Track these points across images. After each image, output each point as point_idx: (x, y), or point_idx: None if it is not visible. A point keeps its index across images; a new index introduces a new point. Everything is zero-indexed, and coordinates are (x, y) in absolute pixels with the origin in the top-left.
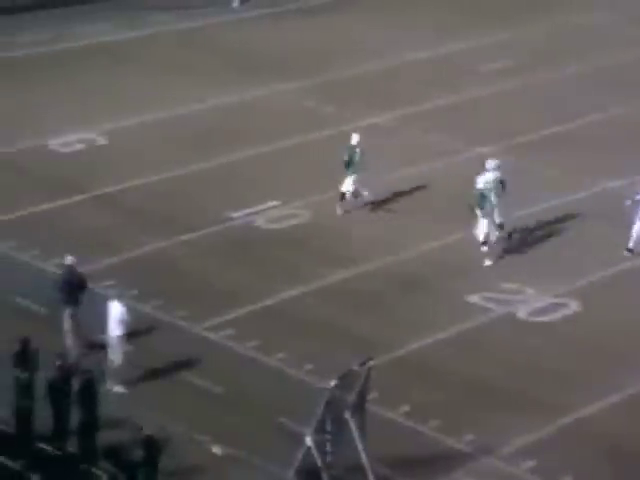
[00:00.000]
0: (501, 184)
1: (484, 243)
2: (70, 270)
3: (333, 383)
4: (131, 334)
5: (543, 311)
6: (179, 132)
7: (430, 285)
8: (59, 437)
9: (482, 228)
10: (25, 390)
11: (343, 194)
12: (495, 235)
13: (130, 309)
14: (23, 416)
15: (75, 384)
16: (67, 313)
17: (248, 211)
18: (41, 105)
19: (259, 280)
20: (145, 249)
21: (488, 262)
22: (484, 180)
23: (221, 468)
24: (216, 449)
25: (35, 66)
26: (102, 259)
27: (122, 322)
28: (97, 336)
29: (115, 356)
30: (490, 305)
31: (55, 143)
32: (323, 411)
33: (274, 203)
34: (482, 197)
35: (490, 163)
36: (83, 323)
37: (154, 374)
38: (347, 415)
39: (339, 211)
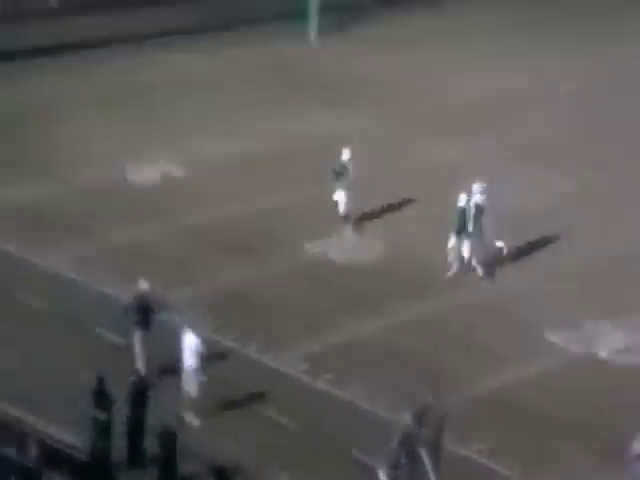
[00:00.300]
0: (477, 208)
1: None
2: (143, 294)
3: (408, 417)
4: (206, 365)
5: (627, 350)
6: (258, 163)
7: (508, 318)
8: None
9: (459, 246)
10: (103, 431)
11: (345, 215)
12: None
13: (205, 340)
14: (100, 455)
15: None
16: (138, 335)
17: (325, 243)
18: (122, 135)
19: (335, 312)
20: (222, 280)
21: (449, 273)
22: (466, 200)
23: None
24: None
25: (118, 96)
26: (179, 289)
27: (197, 353)
28: (169, 363)
29: (189, 387)
30: (570, 344)
31: (135, 174)
32: (397, 446)
33: (351, 236)
34: (461, 216)
35: (477, 187)
36: (158, 351)
37: (228, 405)
38: (422, 450)
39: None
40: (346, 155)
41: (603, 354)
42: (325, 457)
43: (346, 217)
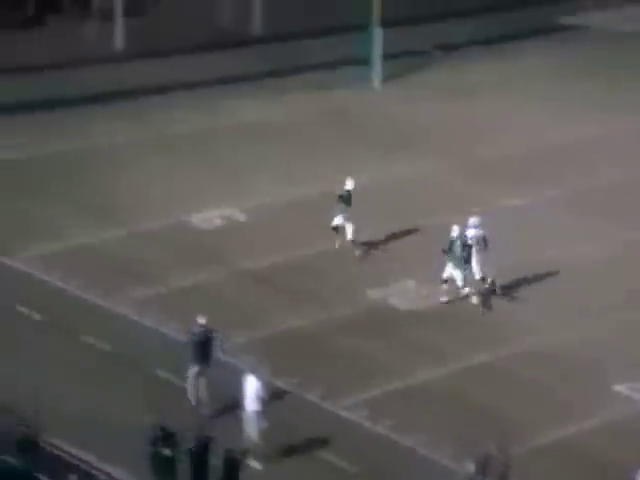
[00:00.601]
0: (484, 241)
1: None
2: (201, 330)
3: (471, 467)
4: (267, 410)
5: None
6: (318, 208)
7: (573, 365)
8: None
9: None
10: (167, 468)
11: (336, 227)
12: (461, 287)
13: (267, 384)
14: None
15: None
16: (195, 371)
17: (386, 290)
18: (185, 180)
19: (397, 359)
20: (283, 325)
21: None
22: (458, 231)
23: None
24: None
25: (181, 142)
26: (241, 333)
27: (258, 398)
28: (228, 404)
29: (251, 431)
30: (635, 394)
31: (197, 218)
32: None
33: (412, 282)
34: (451, 245)
35: (472, 220)
36: (219, 393)
37: (289, 450)
38: None
39: (336, 245)
40: (350, 185)
41: None
42: None
43: (353, 242)
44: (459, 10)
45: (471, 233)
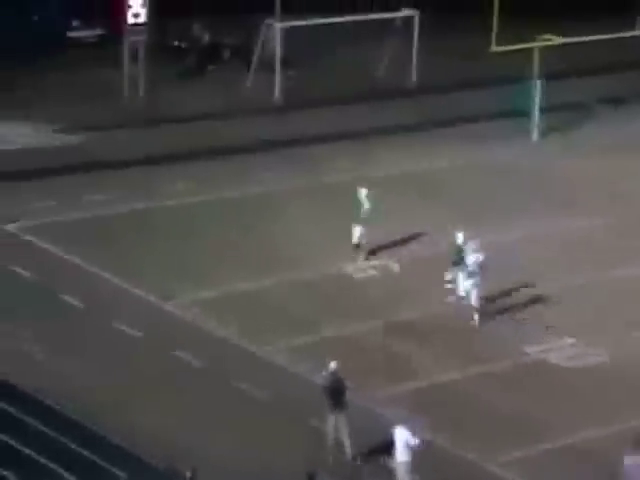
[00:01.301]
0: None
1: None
2: (334, 376)
3: None
4: (419, 464)
5: None
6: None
7: None
8: None
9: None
10: None
11: (357, 245)
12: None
13: (419, 438)
14: None
15: None
16: (332, 419)
17: (544, 347)
18: (343, 229)
19: (555, 417)
20: (438, 379)
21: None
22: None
23: None
24: None
25: (337, 191)
26: (394, 385)
27: (408, 447)
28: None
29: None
30: None
31: (352, 268)
32: None
33: (571, 340)
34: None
35: (471, 244)
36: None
37: None
38: None
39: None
40: (363, 193)
41: None
42: None
43: (358, 246)
44: (624, 62)
45: (474, 258)
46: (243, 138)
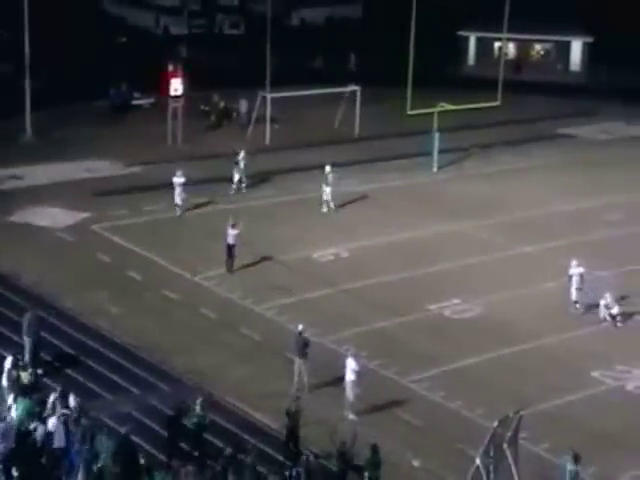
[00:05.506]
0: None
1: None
2: (301, 335)
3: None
4: (361, 382)
5: None
6: (402, 250)
7: None
8: None
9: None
10: None
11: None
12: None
13: (360, 364)
14: None
15: None
16: (299, 363)
17: (440, 305)
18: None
19: (447, 350)
20: (374, 325)
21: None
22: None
23: None
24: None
25: (305, 206)
26: (343, 331)
27: (354, 371)
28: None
29: (349, 394)
30: None
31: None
32: (488, 442)
33: (457, 300)
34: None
35: (574, 262)
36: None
37: (375, 409)
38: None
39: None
40: (328, 169)
41: None
42: None
43: (326, 201)
44: (491, 122)
45: (576, 271)
46: (247, 169)
